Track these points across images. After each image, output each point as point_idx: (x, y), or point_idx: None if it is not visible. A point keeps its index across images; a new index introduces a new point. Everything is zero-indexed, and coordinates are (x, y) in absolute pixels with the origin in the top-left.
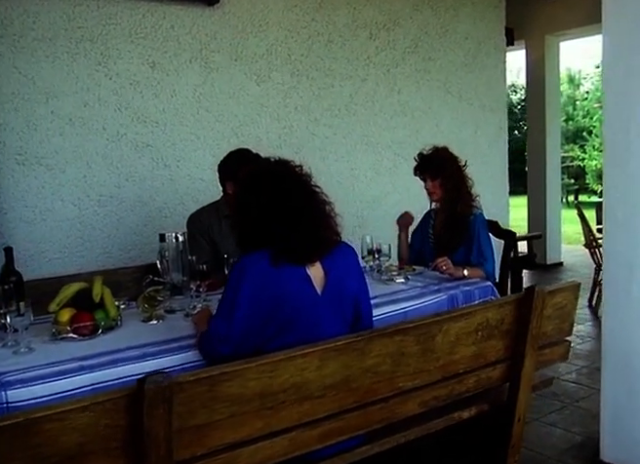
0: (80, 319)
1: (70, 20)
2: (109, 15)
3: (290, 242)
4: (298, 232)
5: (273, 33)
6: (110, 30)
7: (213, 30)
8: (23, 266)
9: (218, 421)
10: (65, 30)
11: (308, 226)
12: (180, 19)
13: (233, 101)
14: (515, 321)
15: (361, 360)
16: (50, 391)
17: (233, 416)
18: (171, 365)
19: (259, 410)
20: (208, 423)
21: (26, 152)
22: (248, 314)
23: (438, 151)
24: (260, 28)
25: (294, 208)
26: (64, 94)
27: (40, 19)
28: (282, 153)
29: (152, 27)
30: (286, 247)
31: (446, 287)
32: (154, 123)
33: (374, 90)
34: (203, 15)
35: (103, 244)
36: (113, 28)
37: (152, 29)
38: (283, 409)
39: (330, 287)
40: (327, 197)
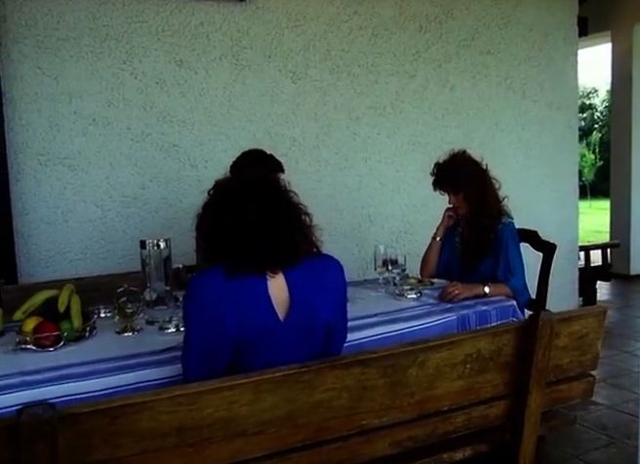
0: (42, 329)
1: (95, 19)
2: (135, 12)
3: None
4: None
5: (311, 28)
6: (136, 28)
7: (245, 26)
8: (44, 267)
9: (125, 457)
10: (90, 29)
11: (267, 236)
12: (209, 16)
13: (266, 100)
14: (516, 352)
15: (308, 394)
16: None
17: (145, 452)
18: (118, 384)
19: (177, 447)
20: (111, 459)
21: (49, 153)
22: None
23: (456, 159)
24: (296, 23)
25: (250, 218)
26: (88, 93)
27: (65, 18)
28: (320, 154)
29: (180, 25)
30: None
31: (459, 306)
32: (181, 123)
33: (423, 86)
34: (234, 10)
35: (126, 246)
36: (139, 26)
37: (180, 27)
38: (208, 447)
39: (295, 311)
40: (302, 207)
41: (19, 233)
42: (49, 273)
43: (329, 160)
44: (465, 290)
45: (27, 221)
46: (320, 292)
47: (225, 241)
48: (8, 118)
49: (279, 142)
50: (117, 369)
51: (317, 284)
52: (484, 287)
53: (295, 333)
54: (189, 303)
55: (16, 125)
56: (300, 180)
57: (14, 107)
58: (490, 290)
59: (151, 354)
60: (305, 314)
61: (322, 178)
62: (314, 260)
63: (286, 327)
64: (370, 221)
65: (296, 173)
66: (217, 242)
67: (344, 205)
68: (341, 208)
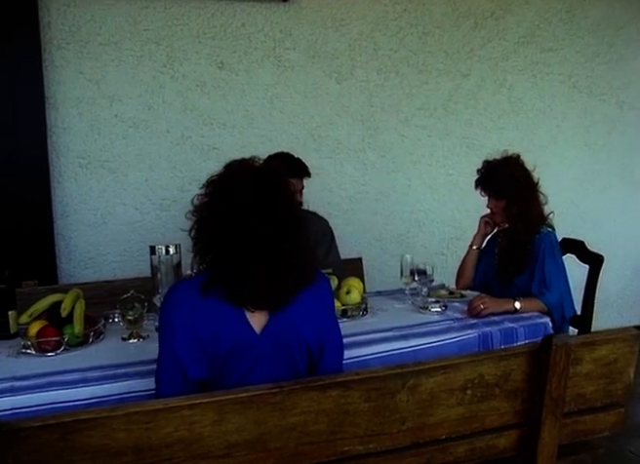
0: (44, 333)
1: (136, 24)
2: (176, 16)
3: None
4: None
5: (357, 27)
6: (177, 31)
7: (288, 27)
8: (84, 268)
9: None
10: (131, 34)
11: (258, 271)
12: (251, 17)
13: (310, 101)
14: (527, 378)
15: (280, 416)
16: None
17: None
18: (106, 393)
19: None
20: None
21: (89, 156)
22: (171, 349)
23: (508, 164)
24: (341, 22)
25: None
26: (129, 97)
27: (106, 24)
28: (366, 157)
29: (221, 26)
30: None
31: (483, 322)
32: (221, 125)
33: (478, 86)
34: (277, 11)
35: None
36: (180, 29)
37: (221, 29)
38: None
39: (272, 324)
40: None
41: (59, 235)
42: (89, 274)
43: (375, 163)
44: (493, 304)
45: (68, 223)
46: (302, 308)
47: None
48: (51, 122)
49: (323, 145)
50: (106, 378)
51: (302, 301)
52: (515, 302)
53: (273, 349)
54: (162, 315)
55: (58, 129)
56: (344, 184)
57: (56, 111)
58: (521, 306)
59: (142, 364)
60: (284, 329)
61: (368, 182)
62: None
63: (263, 341)
64: (419, 227)
65: (340, 176)
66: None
67: (392, 209)
68: (388, 212)
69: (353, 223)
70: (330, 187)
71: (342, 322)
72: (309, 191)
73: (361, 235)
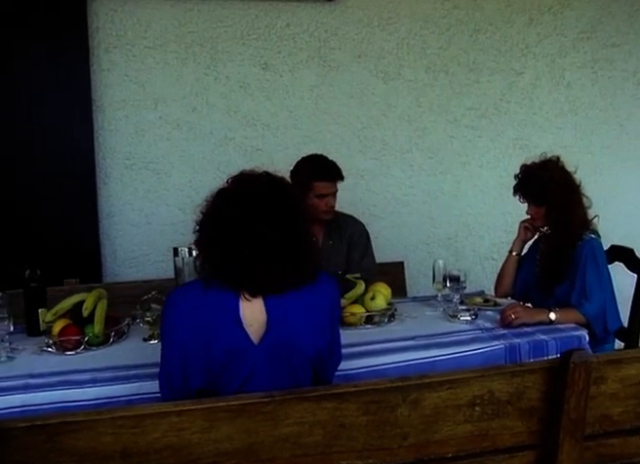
0: (65, 332)
1: (181, 26)
2: (220, 18)
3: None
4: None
5: (405, 25)
6: (221, 33)
7: (333, 26)
8: (128, 267)
9: None
10: (176, 36)
11: (256, 254)
12: (296, 17)
13: (355, 102)
14: (544, 397)
15: (272, 426)
16: None
17: None
18: (116, 394)
19: None
20: None
21: (134, 157)
22: (171, 354)
23: (547, 168)
24: (388, 21)
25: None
26: (173, 99)
27: (152, 27)
28: (413, 158)
29: (266, 27)
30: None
31: (513, 333)
32: (265, 126)
33: (533, 84)
34: (322, 10)
35: None
36: (224, 31)
37: (266, 30)
38: None
39: (271, 335)
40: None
41: (105, 234)
42: (133, 273)
43: (423, 164)
44: (526, 314)
45: (113, 223)
46: (306, 319)
47: (210, 250)
48: (97, 124)
49: (368, 146)
50: (117, 379)
51: (303, 309)
52: (550, 312)
53: (271, 359)
54: (163, 319)
55: (104, 131)
56: (390, 186)
57: (103, 114)
58: (557, 317)
59: (155, 365)
60: (284, 339)
61: (415, 184)
62: (304, 288)
63: (261, 351)
64: (468, 231)
65: (386, 177)
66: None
67: (440, 212)
68: (436, 216)
69: (399, 226)
70: (375, 189)
71: (366, 328)
72: (354, 193)
73: (407, 238)
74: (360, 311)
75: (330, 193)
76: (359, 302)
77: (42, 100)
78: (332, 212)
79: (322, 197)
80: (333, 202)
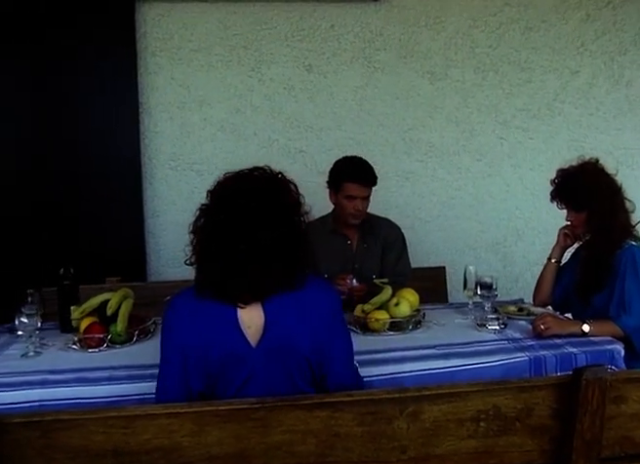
0: (90, 330)
1: (226, 29)
2: (265, 20)
3: (215, 273)
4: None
5: (453, 24)
6: (265, 35)
7: (378, 27)
8: (172, 267)
9: None
10: (221, 39)
11: (240, 266)
12: (340, 18)
13: (400, 103)
14: (556, 415)
15: (263, 433)
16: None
17: None
18: (127, 393)
19: None
20: None
21: (179, 158)
22: (168, 359)
23: (584, 170)
24: (435, 20)
25: (228, 235)
26: (217, 101)
27: (197, 30)
28: (460, 160)
29: (310, 29)
30: (212, 278)
31: (540, 344)
32: (309, 128)
33: (589, 84)
34: (367, 11)
35: None
36: (268, 33)
37: (310, 31)
38: None
39: (268, 337)
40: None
41: (150, 233)
42: (175, 272)
43: (470, 167)
44: (557, 325)
45: (158, 223)
46: (301, 321)
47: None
48: (144, 126)
49: (414, 148)
50: (131, 378)
51: (299, 312)
52: (583, 324)
53: (269, 362)
54: (162, 325)
55: (150, 132)
56: (436, 188)
57: (149, 116)
58: (591, 330)
59: None
60: (281, 342)
61: (462, 187)
62: (299, 290)
63: (258, 354)
64: (517, 236)
65: (432, 180)
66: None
67: (488, 216)
68: (484, 219)
69: (445, 230)
70: (421, 192)
71: (389, 335)
72: (398, 196)
73: (453, 242)
74: (384, 317)
75: (359, 196)
76: (384, 308)
77: (91, 103)
78: (359, 215)
79: (351, 199)
80: (360, 206)
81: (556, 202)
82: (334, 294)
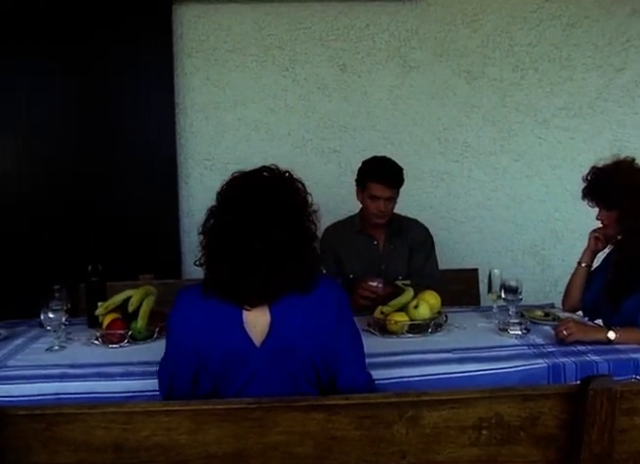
0: (111, 326)
1: (261, 29)
2: (299, 20)
3: (222, 274)
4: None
5: (491, 22)
6: (300, 35)
7: (414, 25)
8: None
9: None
10: (255, 39)
11: (251, 263)
12: (375, 17)
13: (436, 102)
14: (563, 425)
15: (260, 433)
16: (18, 392)
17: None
18: (141, 388)
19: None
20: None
21: (214, 158)
22: (174, 356)
23: (619, 168)
24: (473, 18)
25: (236, 238)
26: (252, 101)
27: (233, 31)
28: (497, 161)
29: (345, 28)
30: (218, 277)
31: (562, 351)
32: (342, 128)
33: (634, 82)
34: (403, 9)
35: None
36: (303, 33)
37: (344, 31)
38: None
39: (273, 339)
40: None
41: (185, 232)
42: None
43: (508, 168)
44: (579, 331)
45: (194, 222)
46: (307, 322)
47: (211, 259)
48: (180, 126)
49: (450, 148)
50: (146, 374)
51: (305, 313)
52: (609, 331)
53: (272, 362)
54: (168, 321)
55: (186, 132)
56: (472, 189)
57: (185, 116)
58: (617, 337)
59: None
60: (285, 342)
61: (499, 188)
62: (307, 291)
63: (262, 353)
64: (556, 238)
65: (468, 181)
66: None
67: (525, 218)
68: (521, 221)
69: (481, 231)
70: (456, 193)
71: (408, 338)
72: (433, 196)
73: (489, 244)
74: (403, 319)
75: (382, 197)
76: (404, 310)
77: (129, 103)
78: (382, 216)
79: (374, 199)
80: (383, 206)
81: (587, 200)
82: (341, 295)
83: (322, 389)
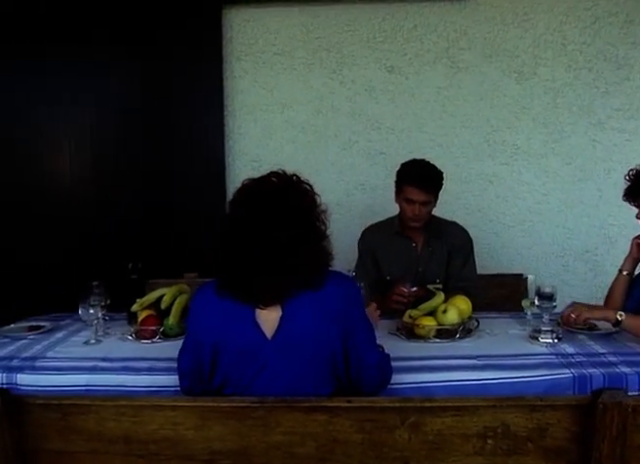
0: (144, 322)
1: (308, 32)
2: (347, 22)
3: (234, 276)
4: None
5: (543, 21)
6: (347, 38)
7: (463, 26)
8: None
9: (77, 453)
10: (303, 42)
11: (263, 261)
12: (423, 18)
13: (485, 104)
14: (572, 438)
15: (263, 432)
16: (49, 382)
17: (95, 453)
18: (166, 384)
19: (126, 455)
20: (65, 452)
21: (261, 159)
22: (191, 350)
23: None
24: (524, 17)
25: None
26: (299, 103)
27: (281, 34)
28: (548, 164)
29: (392, 30)
30: (231, 279)
31: (592, 362)
32: (389, 129)
33: None
34: (452, 10)
35: None
36: (350, 35)
37: (392, 32)
38: (158, 463)
39: (282, 333)
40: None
41: None
42: None
43: (559, 171)
44: (588, 311)
45: None
46: (317, 316)
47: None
48: (229, 128)
49: (498, 150)
50: (171, 370)
51: (315, 308)
52: (615, 313)
53: (282, 355)
54: (190, 311)
55: (234, 134)
56: (522, 193)
57: (234, 118)
58: (627, 322)
59: None
60: (295, 335)
61: (550, 192)
62: (318, 288)
63: (273, 346)
64: (610, 243)
65: (518, 184)
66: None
67: (577, 223)
68: (573, 226)
69: (531, 236)
70: (505, 196)
71: (434, 343)
72: (481, 199)
73: (539, 249)
74: (430, 324)
75: (417, 201)
76: (433, 315)
77: (181, 105)
78: (417, 220)
79: (409, 202)
80: (418, 210)
81: (629, 201)
82: (350, 290)
83: (332, 382)
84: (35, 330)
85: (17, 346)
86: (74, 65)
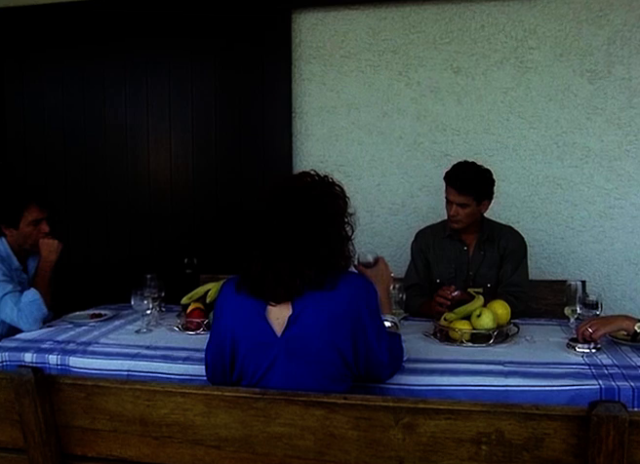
0: (191, 315)
1: (375, 34)
2: (413, 24)
3: (250, 271)
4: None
5: (619, 17)
6: (413, 39)
7: (532, 24)
8: None
9: (101, 431)
10: (370, 44)
11: (277, 257)
12: (491, 18)
13: (554, 104)
14: (569, 450)
15: (264, 423)
16: (96, 366)
17: (116, 432)
18: (198, 373)
19: (142, 436)
20: (91, 429)
21: (327, 160)
22: (214, 343)
23: None
24: (599, 13)
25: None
26: (365, 105)
27: (348, 37)
28: (623, 167)
29: (459, 31)
30: (247, 273)
31: (623, 374)
32: (455, 131)
33: None
34: (521, 8)
35: (391, 252)
36: (416, 37)
37: (459, 33)
38: (170, 446)
39: (291, 331)
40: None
41: None
42: None
43: (634, 174)
44: (603, 325)
45: None
46: (326, 315)
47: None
48: (296, 129)
49: (568, 152)
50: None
51: (324, 307)
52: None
53: (291, 352)
54: (215, 307)
55: (302, 135)
56: (593, 197)
57: (302, 120)
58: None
59: None
60: (303, 332)
61: (623, 196)
62: (330, 288)
63: (282, 342)
64: None
65: (588, 188)
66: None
67: None
68: None
69: (602, 242)
70: (574, 200)
71: (466, 347)
72: (549, 203)
73: (611, 256)
74: (463, 327)
75: (454, 202)
76: (469, 319)
77: (253, 107)
78: (455, 221)
79: (448, 202)
80: (454, 211)
81: None
82: (360, 291)
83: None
84: (96, 318)
85: (77, 331)
86: (159, 73)
